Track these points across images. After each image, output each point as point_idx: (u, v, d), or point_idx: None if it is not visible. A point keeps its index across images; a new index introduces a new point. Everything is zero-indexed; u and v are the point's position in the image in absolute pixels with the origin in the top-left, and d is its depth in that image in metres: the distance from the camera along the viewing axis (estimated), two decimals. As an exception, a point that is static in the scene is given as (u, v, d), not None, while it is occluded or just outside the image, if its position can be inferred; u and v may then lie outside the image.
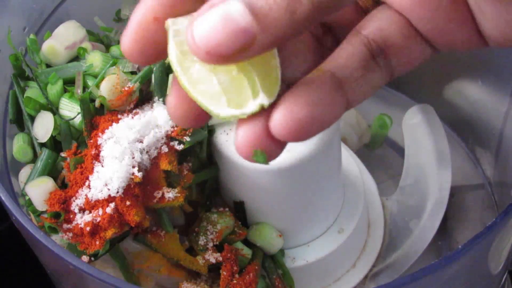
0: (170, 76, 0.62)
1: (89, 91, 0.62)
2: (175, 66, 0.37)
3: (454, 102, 0.79)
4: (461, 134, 0.81)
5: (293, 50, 0.40)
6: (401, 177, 0.78)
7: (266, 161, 0.39)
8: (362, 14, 0.42)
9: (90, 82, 0.63)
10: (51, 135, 0.63)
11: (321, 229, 0.69)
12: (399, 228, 0.75)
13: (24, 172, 0.64)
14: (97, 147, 0.59)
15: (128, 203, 0.57)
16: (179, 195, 0.59)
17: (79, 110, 0.61)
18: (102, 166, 0.58)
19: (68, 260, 0.54)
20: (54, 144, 0.63)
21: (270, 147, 0.38)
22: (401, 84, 0.84)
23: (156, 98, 0.62)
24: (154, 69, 0.62)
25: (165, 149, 0.59)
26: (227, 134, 0.63)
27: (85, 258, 0.58)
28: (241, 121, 0.38)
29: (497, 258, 0.62)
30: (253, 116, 0.37)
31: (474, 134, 0.78)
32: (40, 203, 0.60)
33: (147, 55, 0.39)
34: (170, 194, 0.59)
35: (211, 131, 0.63)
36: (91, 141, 0.60)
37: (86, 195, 0.59)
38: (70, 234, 0.59)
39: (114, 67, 0.63)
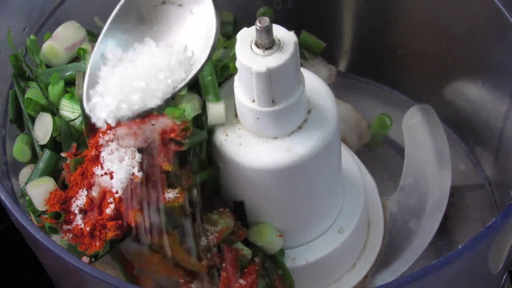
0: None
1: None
2: None
3: (454, 102, 0.79)
4: (461, 134, 0.81)
5: None
6: (401, 177, 0.78)
7: None
8: None
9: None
10: (52, 136, 0.63)
11: (321, 229, 0.69)
12: (399, 228, 0.75)
13: (25, 173, 0.64)
14: (98, 147, 0.59)
15: (128, 203, 0.57)
16: (179, 195, 0.59)
17: (79, 111, 0.62)
18: (102, 167, 0.58)
19: (68, 260, 0.54)
20: (55, 145, 0.63)
21: None
22: (401, 84, 0.84)
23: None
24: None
25: (165, 149, 0.59)
26: (226, 134, 0.63)
27: (85, 259, 0.58)
28: None
29: (497, 258, 0.63)
30: None
31: (474, 134, 0.79)
32: (40, 202, 0.60)
33: None
34: (170, 194, 0.59)
35: (210, 131, 0.63)
36: (92, 141, 0.60)
37: (86, 195, 0.59)
38: (70, 235, 0.59)
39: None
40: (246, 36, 0.59)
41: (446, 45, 0.77)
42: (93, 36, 0.70)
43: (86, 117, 0.61)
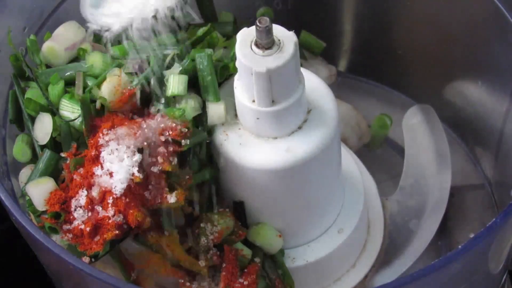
0: (170, 77, 0.62)
1: (88, 89, 0.62)
2: None
3: (454, 102, 0.79)
4: (461, 134, 0.81)
5: None
6: (401, 177, 0.78)
7: None
8: None
9: (90, 83, 0.63)
10: (52, 136, 0.63)
11: (321, 229, 0.69)
12: (399, 228, 0.75)
13: (25, 173, 0.64)
14: (98, 147, 0.59)
15: (128, 203, 0.57)
16: (179, 195, 0.59)
17: (79, 111, 0.62)
18: (102, 167, 0.58)
19: (68, 260, 0.54)
20: (55, 145, 0.63)
21: None
22: (401, 84, 0.84)
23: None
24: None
25: (165, 150, 0.59)
26: (227, 134, 0.63)
27: (85, 259, 0.58)
28: None
29: (497, 258, 0.63)
30: None
31: (474, 134, 0.79)
32: (40, 202, 0.60)
33: None
34: (170, 194, 0.59)
35: (210, 131, 0.63)
36: (92, 141, 0.60)
37: (86, 195, 0.59)
38: (70, 235, 0.59)
39: (115, 68, 0.63)
40: (246, 36, 0.59)
41: (446, 45, 0.77)
42: (93, 36, 0.70)
43: (86, 117, 0.61)
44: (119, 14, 0.60)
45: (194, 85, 0.63)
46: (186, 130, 0.60)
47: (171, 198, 0.59)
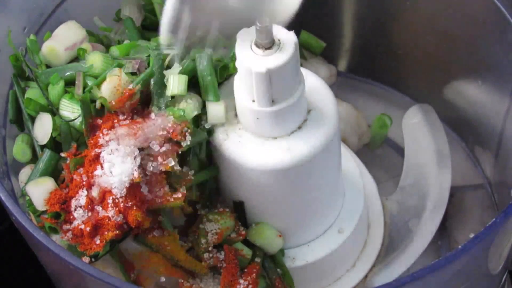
0: (170, 77, 0.62)
1: (88, 89, 0.62)
2: None
3: (454, 102, 0.79)
4: (461, 134, 0.81)
5: None
6: (401, 177, 0.78)
7: None
8: None
9: (90, 83, 0.63)
10: (52, 136, 0.63)
11: (321, 229, 0.69)
12: (399, 228, 0.75)
13: (25, 172, 0.64)
14: (98, 147, 0.59)
15: (128, 204, 0.57)
16: (179, 195, 0.59)
17: (79, 111, 0.62)
18: (102, 167, 0.58)
19: (68, 260, 0.54)
20: (55, 145, 0.63)
21: None
22: (401, 84, 0.84)
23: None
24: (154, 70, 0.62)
25: (165, 149, 0.59)
26: (227, 134, 0.63)
27: (85, 259, 0.58)
28: None
29: (497, 258, 0.63)
30: None
31: (474, 134, 0.79)
32: (40, 202, 0.60)
33: None
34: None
35: (210, 131, 0.63)
36: (92, 141, 0.60)
37: (86, 195, 0.59)
38: (70, 235, 0.59)
39: (115, 68, 0.63)
40: (246, 36, 0.59)
41: (446, 45, 0.77)
42: (93, 36, 0.70)
43: (86, 117, 0.61)
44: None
45: (194, 85, 0.63)
46: (186, 130, 0.60)
47: (171, 198, 0.59)
